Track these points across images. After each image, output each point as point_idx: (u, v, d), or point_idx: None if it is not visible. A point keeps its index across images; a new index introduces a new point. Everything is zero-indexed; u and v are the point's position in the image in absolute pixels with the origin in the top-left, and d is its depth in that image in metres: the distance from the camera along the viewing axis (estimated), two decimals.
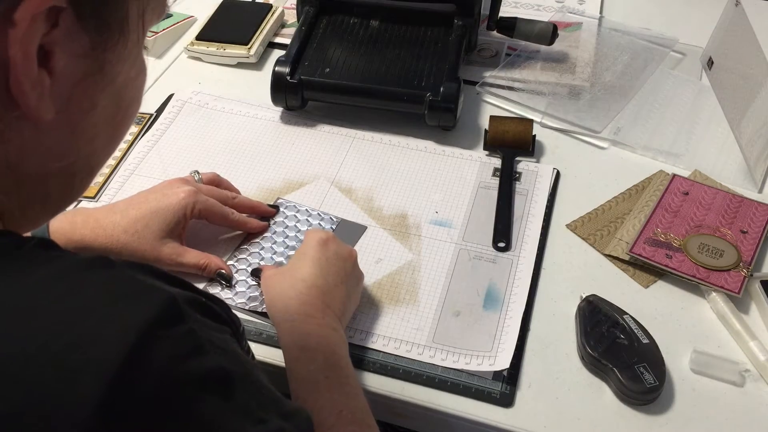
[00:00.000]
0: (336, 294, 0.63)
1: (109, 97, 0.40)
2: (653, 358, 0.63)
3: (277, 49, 1.04)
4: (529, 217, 0.78)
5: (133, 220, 0.68)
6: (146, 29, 0.41)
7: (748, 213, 0.78)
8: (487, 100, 0.95)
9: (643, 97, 0.94)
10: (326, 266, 0.63)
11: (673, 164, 0.86)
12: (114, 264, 0.37)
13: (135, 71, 0.41)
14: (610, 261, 0.75)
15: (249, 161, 0.85)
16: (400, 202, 0.80)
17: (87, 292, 0.34)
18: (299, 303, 0.61)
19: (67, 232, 0.67)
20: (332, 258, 0.64)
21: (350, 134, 0.89)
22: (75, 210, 0.70)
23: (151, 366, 0.32)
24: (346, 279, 0.64)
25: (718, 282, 0.70)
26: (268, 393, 0.39)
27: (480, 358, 0.65)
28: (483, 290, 0.71)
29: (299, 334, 0.59)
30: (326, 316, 0.60)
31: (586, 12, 1.11)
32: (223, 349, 0.37)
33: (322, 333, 0.59)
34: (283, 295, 0.62)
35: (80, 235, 0.67)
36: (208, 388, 0.34)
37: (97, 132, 0.40)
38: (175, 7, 1.10)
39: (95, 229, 0.67)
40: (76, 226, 0.67)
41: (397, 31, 0.94)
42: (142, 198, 0.70)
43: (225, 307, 0.43)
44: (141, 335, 0.32)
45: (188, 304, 0.37)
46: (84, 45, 0.36)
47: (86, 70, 0.37)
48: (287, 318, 0.60)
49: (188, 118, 0.92)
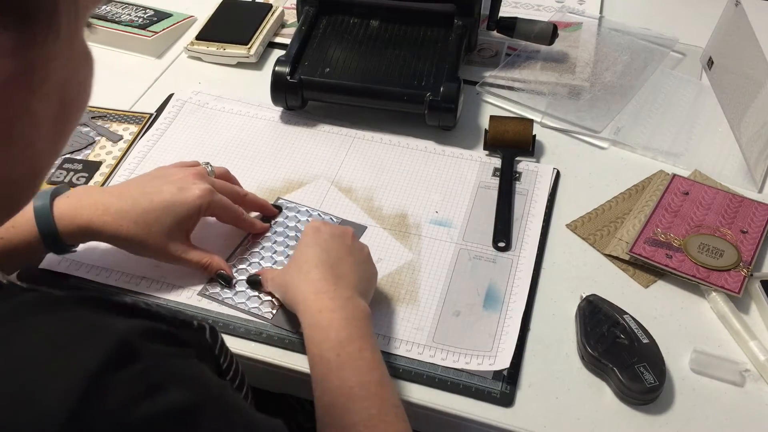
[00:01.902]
0: (344, 266, 0.63)
1: (44, 98, 0.36)
2: (653, 357, 0.63)
3: (277, 49, 1.04)
4: (529, 217, 0.78)
5: (144, 212, 0.65)
6: (83, 17, 0.37)
7: (748, 213, 0.78)
8: (487, 100, 0.95)
9: (643, 97, 0.94)
10: (325, 245, 0.64)
11: (673, 164, 0.86)
12: (60, 303, 0.34)
13: (75, 65, 0.38)
14: (610, 261, 0.75)
15: (249, 161, 0.85)
16: (400, 201, 0.80)
17: (30, 339, 0.32)
18: (309, 283, 0.61)
19: (74, 215, 0.65)
20: (328, 238, 0.64)
21: (350, 134, 0.89)
22: (83, 191, 0.68)
23: (103, 415, 0.30)
24: (349, 251, 0.64)
25: (718, 282, 0.70)
26: (238, 416, 0.37)
27: (480, 358, 0.65)
28: (483, 290, 0.71)
29: (311, 313, 0.59)
30: (339, 287, 0.60)
31: (586, 12, 1.11)
32: (186, 377, 0.35)
33: (335, 306, 0.59)
34: (293, 284, 0.62)
35: (87, 219, 0.65)
36: (168, 427, 0.32)
37: (36, 136, 0.37)
38: (175, 7, 1.10)
39: (103, 215, 0.65)
40: (83, 209, 0.65)
41: (397, 31, 0.94)
42: (155, 187, 0.67)
43: (188, 325, 0.41)
44: (90, 383, 0.30)
45: (144, 337, 0.35)
46: (4, 44, 0.32)
47: (10, 72, 0.33)
48: (301, 300, 0.60)
49: (188, 117, 0.92)
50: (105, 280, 0.71)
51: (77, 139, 0.88)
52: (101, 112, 0.92)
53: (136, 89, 0.97)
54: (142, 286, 0.71)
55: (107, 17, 1.05)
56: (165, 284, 0.71)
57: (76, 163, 0.85)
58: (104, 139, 0.88)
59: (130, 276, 0.72)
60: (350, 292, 0.61)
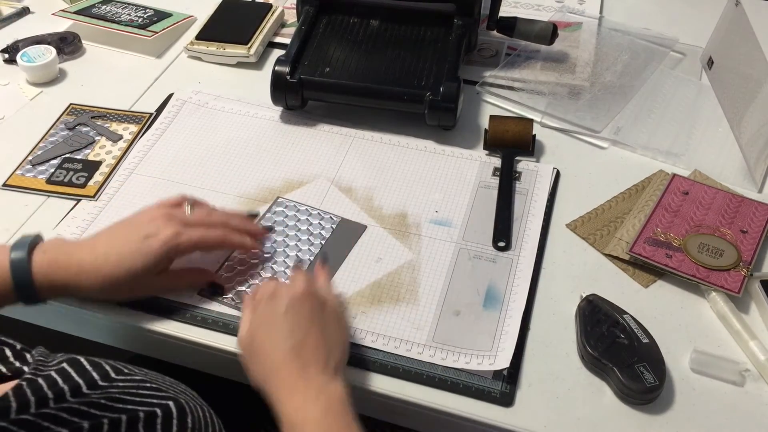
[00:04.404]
0: (310, 343, 0.59)
1: None
2: (653, 357, 0.63)
3: (277, 49, 1.04)
4: (529, 217, 0.78)
5: (116, 266, 0.64)
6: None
7: (748, 213, 0.78)
8: (487, 99, 0.95)
9: (643, 97, 0.94)
10: (285, 323, 0.60)
11: (673, 164, 0.86)
12: None
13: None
14: (610, 261, 0.75)
15: (249, 161, 0.85)
16: (399, 201, 0.80)
17: None
18: (278, 379, 0.57)
19: (50, 273, 0.64)
20: (288, 310, 0.60)
21: (350, 134, 0.89)
22: (57, 248, 0.66)
23: None
24: (311, 320, 0.60)
25: (718, 282, 0.70)
26: None
27: (480, 358, 0.65)
28: (483, 290, 0.71)
29: (286, 413, 0.55)
30: (308, 377, 0.57)
31: (586, 12, 1.11)
32: None
33: (307, 399, 0.56)
34: (261, 377, 0.59)
35: (63, 280, 0.64)
36: None
37: None
38: (175, 7, 1.10)
39: (78, 274, 0.64)
40: (59, 269, 0.64)
41: (397, 30, 0.94)
42: (124, 237, 0.66)
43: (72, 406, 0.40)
44: None
45: None
46: None
47: None
48: (273, 397, 0.57)
49: (188, 117, 0.92)
50: None
51: (77, 139, 0.88)
52: (101, 111, 0.92)
53: (136, 89, 0.97)
54: None
55: (107, 17, 1.05)
56: None
57: (76, 162, 0.85)
58: (104, 138, 0.88)
59: None
60: (321, 377, 0.57)
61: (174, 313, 0.69)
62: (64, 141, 0.88)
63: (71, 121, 0.91)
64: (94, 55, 1.03)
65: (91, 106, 0.93)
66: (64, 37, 1.02)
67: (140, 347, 0.72)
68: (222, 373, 0.70)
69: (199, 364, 0.71)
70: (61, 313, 0.70)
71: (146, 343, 0.70)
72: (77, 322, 0.71)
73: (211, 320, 0.68)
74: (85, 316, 0.70)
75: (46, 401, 0.43)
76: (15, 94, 0.96)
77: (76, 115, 0.92)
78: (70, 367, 0.47)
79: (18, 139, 0.88)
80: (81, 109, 0.93)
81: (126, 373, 0.49)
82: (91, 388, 0.46)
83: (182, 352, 0.69)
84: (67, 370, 0.47)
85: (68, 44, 1.01)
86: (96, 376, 0.47)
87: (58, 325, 0.73)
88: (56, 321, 0.72)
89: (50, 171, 0.84)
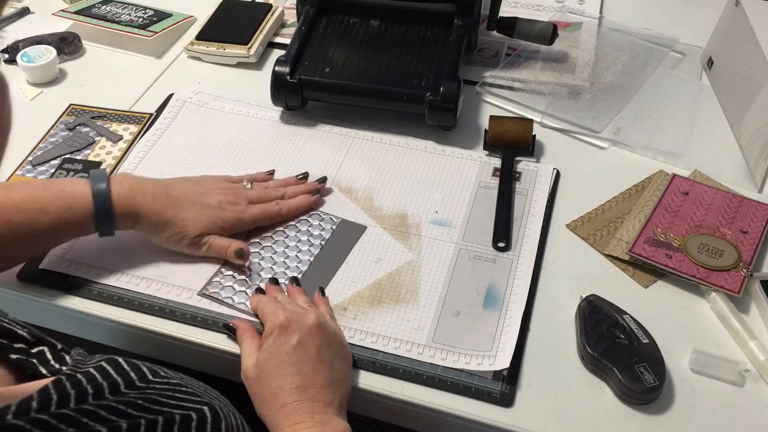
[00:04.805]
0: (317, 380, 0.59)
1: None
2: (653, 358, 0.63)
3: (277, 49, 1.04)
4: (529, 217, 0.78)
5: (191, 204, 0.71)
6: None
7: (748, 213, 0.78)
8: (487, 100, 0.95)
9: (643, 97, 0.94)
10: (294, 361, 0.60)
11: (673, 164, 0.86)
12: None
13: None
14: (610, 261, 0.75)
15: (249, 161, 0.85)
16: (400, 201, 0.80)
17: None
18: (284, 415, 0.58)
19: (128, 203, 0.68)
20: (299, 346, 0.61)
21: (350, 134, 0.89)
22: (133, 181, 0.70)
23: None
24: (318, 356, 0.60)
25: (718, 282, 0.70)
26: None
27: (480, 358, 0.65)
28: (483, 290, 0.71)
29: None
30: (314, 412, 0.57)
31: (586, 12, 1.11)
32: None
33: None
34: (265, 412, 0.60)
35: (139, 208, 0.69)
36: None
37: None
38: (175, 7, 1.10)
39: (152, 204, 0.69)
40: (135, 198, 0.69)
41: (397, 31, 0.94)
42: (196, 194, 0.73)
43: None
44: None
45: None
46: None
47: None
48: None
49: (188, 117, 0.92)
50: (105, 280, 0.71)
51: (77, 140, 0.88)
52: (101, 112, 0.92)
53: (136, 89, 0.97)
54: (142, 286, 0.71)
55: (107, 17, 1.05)
56: (165, 284, 0.71)
57: (76, 163, 0.85)
58: (104, 139, 0.88)
59: (130, 276, 0.72)
60: (326, 414, 0.58)
61: (174, 313, 0.69)
62: (64, 141, 0.88)
63: (71, 122, 0.91)
64: (94, 56, 1.03)
65: (91, 106, 0.93)
66: (64, 38, 1.02)
67: (140, 347, 0.72)
68: (222, 374, 0.70)
69: (199, 364, 0.71)
70: (63, 314, 0.70)
71: (146, 343, 0.70)
72: (79, 322, 0.71)
73: (211, 320, 0.68)
74: (86, 317, 0.70)
75: (85, 397, 0.43)
76: (15, 94, 0.96)
77: (76, 116, 0.92)
78: (108, 365, 0.48)
79: (18, 139, 0.88)
80: (81, 110, 0.93)
81: (162, 376, 0.49)
82: (128, 388, 0.46)
83: (182, 352, 0.69)
84: (105, 368, 0.47)
85: (68, 44, 1.01)
86: (134, 377, 0.47)
87: (60, 326, 0.73)
88: (58, 322, 0.72)
89: (50, 171, 0.84)
